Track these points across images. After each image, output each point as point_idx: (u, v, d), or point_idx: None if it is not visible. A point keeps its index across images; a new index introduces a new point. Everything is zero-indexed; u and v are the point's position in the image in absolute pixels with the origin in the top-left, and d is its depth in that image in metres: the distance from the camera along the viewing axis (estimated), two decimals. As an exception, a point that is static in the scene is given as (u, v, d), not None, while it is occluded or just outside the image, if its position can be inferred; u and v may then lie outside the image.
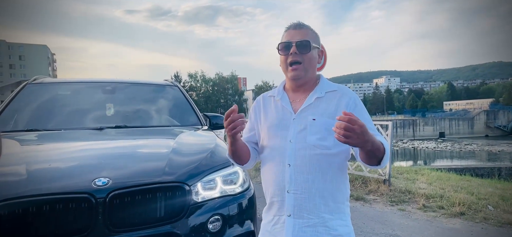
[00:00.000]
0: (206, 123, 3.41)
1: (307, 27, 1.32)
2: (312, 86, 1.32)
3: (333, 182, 1.24)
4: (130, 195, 1.75)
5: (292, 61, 1.27)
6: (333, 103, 1.27)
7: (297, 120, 1.28)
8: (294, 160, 1.24)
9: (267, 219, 1.34)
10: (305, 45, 1.27)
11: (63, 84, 3.35)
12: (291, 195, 1.23)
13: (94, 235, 1.62)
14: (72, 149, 2.27)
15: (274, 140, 1.30)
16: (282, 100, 1.34)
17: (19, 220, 1.55)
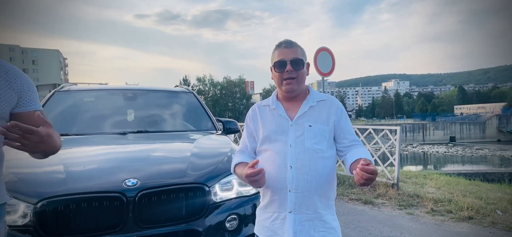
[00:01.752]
0: (220, 128, 3.58)
1: (297, 45, 1.47)
2: (304, 96, 1.48)
3: (327, 182, 1.40)
4: (156, 195, 1.91)
5: (287, 77, 1.41)
6: (325, 111, 1.44)
7: (294, 126, 1.42)
8: (296, 163, 1.37)
9: (264, 216, 1.47)
10: (298, 63, 1.42)
11: (87, 91, 3.56)
12: (292, 194, 1.36)
13: (125, 230, 1.79)
14: (101, 152, 2.45)
15: (275, 144, 1.42)
16: (277, 109, 1.47)
17: (60, 216, 1.73)
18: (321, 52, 6.42)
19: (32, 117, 1.28)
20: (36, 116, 1.12)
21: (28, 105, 1.28)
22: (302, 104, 1.45)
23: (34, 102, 1.30)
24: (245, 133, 1.58)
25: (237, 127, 3.72)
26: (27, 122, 1.28)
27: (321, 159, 1.38)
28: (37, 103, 1.33)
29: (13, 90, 1.24)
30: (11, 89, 1.23)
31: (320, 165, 1.38)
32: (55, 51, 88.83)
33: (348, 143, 1.43)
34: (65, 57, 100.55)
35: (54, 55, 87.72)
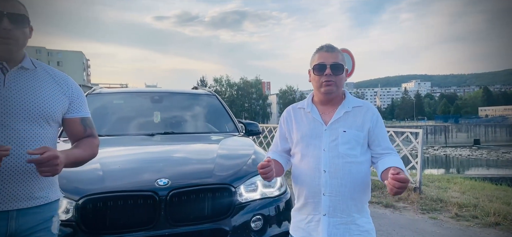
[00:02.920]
0: (242, 129, 3.66)
1: (338, 50, 1.48)
2: (339, 100, 1.48)
3: (361, 186, 1.42)
4: (186, 194, 2.00)
5: (326, 80, 1.42)
6: (360, 117, 1.44)
7: (329, 131, 1.43)
8: (329, 167, 1.40)
9: (299, 218, 1.50)
10: (339, 67, 1.43)
11: (116, 94, 3.73)
12: (326, 197, 1.40)
13: (158, 228, 1.89)
14: (133, 152, 2.58)
15: (308, 148, 1.45)
16: (312, 112, 1.49)
17: (99, 212, 1.84)
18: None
19: (78, 123, 1.39)
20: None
21: (76, 112, 1.39)
22: (338, 109, 1.45)
23: (82, 109, 1.41)
24: (278, 134, 1.62)
25: (258, 129, 3.78)
26: (74, 127, 1.39)
27: (355, 164, 1.40)
28: (85, 110, 1.43)
29: (65, 96, 1.35)
30: (64, 95, 1.35)
31: (354, 169, 1.40)
32: (79, 53, 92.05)
33: (381, 150, 1.45)
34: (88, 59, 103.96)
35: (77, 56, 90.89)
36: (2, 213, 1.16)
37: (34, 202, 1.23)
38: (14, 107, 1.20)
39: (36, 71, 1.30)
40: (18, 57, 1.25)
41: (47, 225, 1.29)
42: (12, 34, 1.18)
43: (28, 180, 1.21)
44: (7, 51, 1.19)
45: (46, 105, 1.26)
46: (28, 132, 1.21)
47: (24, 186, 1.20)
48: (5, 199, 1.16)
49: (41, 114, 1.24)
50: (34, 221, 1.24)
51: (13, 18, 1.18)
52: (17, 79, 1.23)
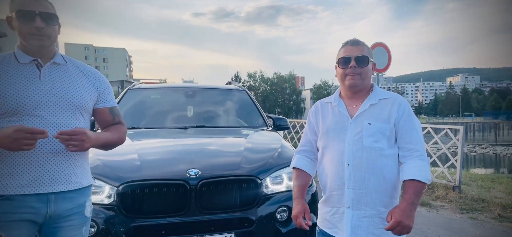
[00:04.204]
0: (270, 124, 3.73)
1: (364, 44, 1.47)
2: (366, 94, 1.47)
3: (387, 180, 1.39)
4: (214, 184, 2.13)
5: (351, 73, 1.43)
6: (386, 110, 1.41)
7: (354, 124, 1.43)
8: (353, 160, 1.39)
9: (325, 210, 1.53)
10: (363, 60, 1.43)
11: (154, 89, 3.99)
12: (350, 190, 1.40)
13: (189, 214, 2.03)
14: (167, 144, 2.77)
15: (333, 141, 1.46)
16: (338, 106, 1.49)
17: (136, 198, 2.03)
18: (376, 47, 6.22)
19: (107, 112, 1.54)
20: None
21: (104, 102, 1.53)
22: (363, 102, 1.45)
23: (110, 99, 1.55)
24: (307, 128, 1.64)
25: (286, 124, 3.83)
26: (103, 116, 1.53)
27: (380, 157, 1.38)
28: (112, 100, 1.57)
29: (94, 88, 1.49)
30: (93, 87, 1.48)
31: (379, 163, 1.38)
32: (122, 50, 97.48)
33: (406, 150, 1.40)
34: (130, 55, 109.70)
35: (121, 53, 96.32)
36: (43, 195, 1.30)
37: (69, 186, 1.36)
38: (50, 99, 1.32)
39: (67, 66, 1.42)
40: (50, 53, 1.36)
41: (81, 209, 1.43)
42: (44, 31, 1.30)
43: (64, 165, 1.35)
44: (40, 46, 1.31)
45: (77, 97, 1.39)
46: (63, 123, 1.34)
47: (61, 171, 1.34)
48: (45, 182, 1.30)
49: (74, 105, 1.37)
50: (70, 204, 1.38)
51: (45, 17, 1.30)
52: (51, 74, 1.35)
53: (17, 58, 1.33)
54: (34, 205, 1.29)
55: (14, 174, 1.26)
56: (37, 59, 1.34)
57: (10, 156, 1.26)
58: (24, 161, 1.27)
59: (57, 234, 1.37)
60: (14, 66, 1.31)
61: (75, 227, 1.40)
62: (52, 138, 1.30)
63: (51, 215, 1.34)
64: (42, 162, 1.30)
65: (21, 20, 1.28)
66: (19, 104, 1.26)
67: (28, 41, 1.30)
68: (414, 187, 1.34)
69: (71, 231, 1.39)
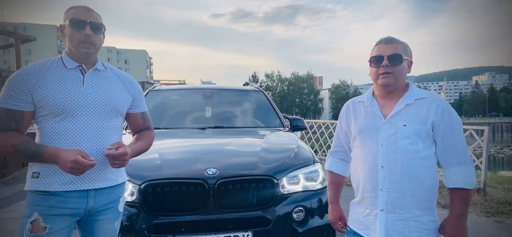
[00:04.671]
0: (287, 125, 3.75)
1: (398, 41, 1.41)
2: (401, 93, 1.41)
3: (423, 183, 1.33)
4: (232, 183, 2.18)
5: (383, 72, 1.38)
6: (423, 110, 1.35)
7: (388, 125, 1.38)
8: (387, 163, 1.35)
9: (358, 210, 1.49)
10: (397, 58, 1.37)
11: (173, 90, 4.10)
12: (384, 193, 1.36)
13: (207, 212, 2.09)
14: (187, 144, 2.85)
15: (366, 143, 1.42)
16: (371, 106, 1.45)
17: (157, 196, 2.11)
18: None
19: (139, 117, 1.64)
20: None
21: (138, 107, 1.64)
22: (398, 102, 1.39)
23: (142, 105, 1.67)
24: (338, 129, 1.61)
25: (303, 125, 3.84)
26: (136, 121, 1.65)
27: (416, 159, 1.33)
28: (144, 106, 1.69)
29: (129, 93, 1.60)
30: (128, 93, 1.60)
31: (414, 166, 1.33)
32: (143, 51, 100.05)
33: (445, 156, 1.34)
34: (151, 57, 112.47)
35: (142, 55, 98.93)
36: (83, 191, 1.42)
37: (106, 183, 1.48)
38: (91, 103, 1.43)
39: (106, 72, 1.54)
40: (93, 60, 1.49)
41: (115, 205, 1.55)
42: (92, 39, 1.42)
43: (102, 164, 1.46)
44: (87, 54, 1.43)
45: (115, 101, 1.51)
46: (101, 124, 1.46)
47: (99, 170, 1.46)
48: (86, 180, 1.42)
49: (112, 109, 1.48)
50: (106, 199, 1.50)
51: (93, 26, 1.43)
52: (93, 79, 1.47)
53: (64, 63, 1.44)
54: (76, 201, 1.40)
55: (58, 172, 1.37)
56: (81, 65, 1.46)
57: None
58: None
59: (94, 227, 1.49)
60: (61, 70, 1.43)
61: (109, 220, 1.52)
62: (91, 139, 1.42)
63: (90, 210, 1.45)
64: None
65: (73, 28, 1.40)
66: (64, 106, 1.37)
67: (77, 48, 1.42)
68: (460, 196, 1.29)
69: (105, 224, 1.50)
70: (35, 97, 1.36)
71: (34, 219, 1.35)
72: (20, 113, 1.34)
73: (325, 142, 9.18)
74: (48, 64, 1.43)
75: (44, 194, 1.38)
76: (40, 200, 1.37)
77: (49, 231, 1.36)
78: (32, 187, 1.38)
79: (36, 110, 1.37)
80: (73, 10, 1.44)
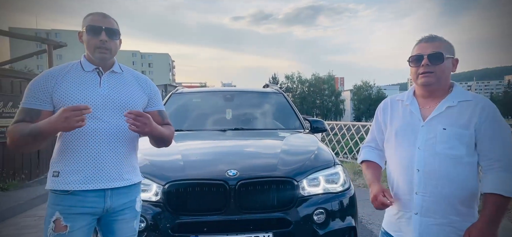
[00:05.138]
0: (307, 127, 3.74)
1: (440, 39, 1.34)
2: (444, 94, 1.34)
3: (462, 189, 1.27)
4: (252, 185, 2.21)
5: (423, 71, 1.32)
6: (466, 114, 1.27)
7: (426, 127, 1.32)
8: (423, 166, 1.30)
9: (391, 212, 1.46)
10: (437, 57, 1.30)
11: (194, 93, 4.21)
12: (419, 196, 1.31)
13: (228, 213, 2.13)
14: (208, 145, 2.92)
15: (402, 145, 1.37)
16: (411, 105, 1.39)
17: (180, 196, 2.17)
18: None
19: (156, 115, 1.70)
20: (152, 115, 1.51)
21: (154, 106, 1.70)
22: (439, 104, 1.33)
23: (159, 104, 1.72)
24: (374, 125, 1.57)
25: (324, 127, 3.82)
26: (154, 118, 1.67)
27: (455, 165, 1.27)
28: (161, 104, 1.74)
29: (145, 93, 1.66)
30: (144, 93, 1.66)
31: (453, 171, 1.27)
32: (166, 55, 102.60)
33: (487, 161, 1.27)
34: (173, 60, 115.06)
35: (165, 58, 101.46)
36: (101, 191, 1.47)
37: (122, 183, 1.53)
38: (107, 103, 1.49)
39: (123, 74, 1.60)
40: (110, 63, 1.54)
41: (132, 204, 1.60)
42: (108, 45, 1.48)
43: (118, 164, 1.52)
44: (103, 58, 1.50)
45: (131, 101, 1.56)
46: (117, 124, 1.51)
47: (116, 169, 1.51)
48: (103, 179, 1.48)
49: (127, 108, 1.52)
50: (123, 199, 1.55)
51: (109, 32, 1.49)
52: (110, 81, 1.53)
53: (83, 66, 1.52)
54: (94, 200, 1.47)
55: (77, 171, 1.44)
56: (98, 68, 1.53)
57: (74, 155, 1.45)
58: (85, 160, 1.45)
59: (113, 226, 1.55)
60: (80, 73, 1.51)
61: (127, 220, 1.57)
62: (108, 138, 1.48)
63: (108, 209, 1.51)
64: (99, 161, 1.47)
65: (90, 34, 1.48)
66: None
67: (93, 53, 1.50)
68: (494, 201, 1.23)
69: (124, 223, 1.56)
70: (54, 97, 1.43)
71: (56, 218, 1.41)
72: (36, 111, 1.41)
73: (347, 144, 9.03)
74: (68, 68, 1.52)
75: (64, 194, 1.43)
76: (60, 199, 1.43)
77: (70, 230, 1.41)
78: (53, 187, 1.44)
79: (55, 110, 1.43)
80: (90, 17, 1.50)
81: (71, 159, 1.44)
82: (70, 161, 1.44)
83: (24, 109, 1.43)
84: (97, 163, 1.46)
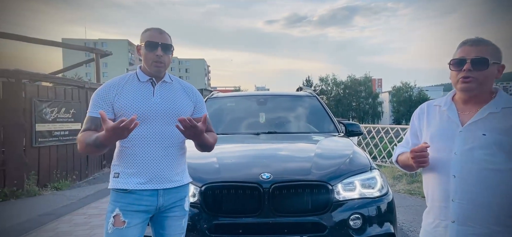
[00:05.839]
0: (342, 130, 3.67)
1: (487, 43, 1.28)
2: (486, 99, 1.30)
3: (504, 197, 1.22)
4: (286, 188, 2.22)
5: (464, 76, 1.27)
6: (509, 120, 1.23)
7: (464, 133, 1.28)
8: (460, 173, 1.26)
9: (427, 221, 1.42)
10: (482, 63, 1.25)
11: (229, 97, 4.31)
12: (456, 204, 1.27)
13: (263, 216, 2.17)
14: (242, 148, 2.98)
15: (438, 150, 1.33)
16: (448, 111, 1.35)
17: (216, 198, 2.24)
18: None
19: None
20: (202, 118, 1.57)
21: (199, 113, 1.80)
22: (481, 109, 1.28)
23: (203, 111, 1.83)
24: (409, 131, 1.55)
25: (359, 130, 3.73)
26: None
27: (495, 172, 1.23)
28: (205, 111, 1.84)
29: (191, 101, 1.78)
30: (191, 101, 1.77)
31: (493, 178, 1.23)
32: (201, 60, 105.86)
33: None
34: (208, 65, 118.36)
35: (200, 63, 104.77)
36: (154, 191, 1.62)
37: (172, 184, 1.66)
38: (159, 111, 1.62)
39: (172, 84, 1.74)
40: (162, 73, 1.68)
41: (181, 203, 1.72)
42: (163, 59, 1.63)
43: (169, 167, 1.64)
44: (158, 71, 1.64)
45: (179, 109, 1.68)
46: (167, 130, 1.63)
47: (167, 172, 1.64)
48: (156, 181, 1.62)
49: (176, 116, 1.64)
50: (173, 198, 1.67)
51: (164, 47, 1.62)
52: (161, 90, 1.67)
53: (138, 77, 1.67)
54: (148, 199, 1.61)
55: (135, 174, 1.60)
56: (152, 78, 1.67)
57: (131, 158, 1.60)
58: (140, 163, 1.60)
59: (164, 223, 1.68)
60: (136, 83, 1.66)
61: (177, 218, 1.70)
62: (158, 143, 1.61)
63: (160, 207, 1.65)
64: (153, 166, 1.62)
65: (147, 49, 1.62)
66: (138, 114, 1.58)
67: (150, 66, 1.64)
68: None
69: (174, 221, 1.69)
70: (115, 106, 1.59)
71: (116, 214, 1.56)
72: (99, 120, 1.51)
73: (385, 147, 8.68)
74: (126, 79, 1.67)
75: (123, 192, 1.59)
76: (120, 197, 1.59)
77: (127, 225, 1.55)
78: (114, 186, 1.60)
79: (116, 118, 1.59)
80: (148, 32, 1.64)
81: (128, 162, 1.60)
82: (128, 163, 1.60)
83: (89, 117, 1.59)
84: (150, 166, 1.60)
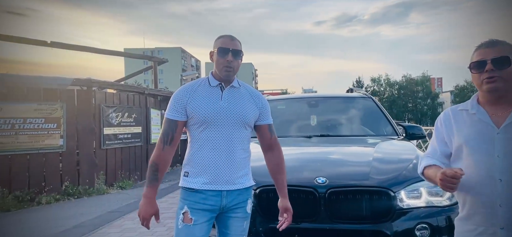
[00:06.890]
0: (402, 133, 3.43)
1: (502, 43, 1.30)
2: None
3: None
4: (343, 194, 2.13)
5: (488, 77, 1.27)
6: None
7: (503, 134, 1.26)
8: (507, 176, 1.24)
9: (466, 228, 1.35)
10: (503, 61, 1.26)
11: (279, 100, 4.30)
12: (503, 209, 1.24)
13: (319, 221, 2.10)
14: (295, 152, 2.93)
15: (476, 154, 1.30)
16: (478, 114, 1.33)
17: (271, 201, 2.23)
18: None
19: (266, 128, 1.82)
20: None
21: (264, 120, 1.81)
22: None
23: (268, 118, 1.83)
24: (435, 137, 1.51)
25: (421, 133, 3.46)
26: (263, 132, 1.83)
27: None
28: (270, 118, 1.84)
29: (257, 107, 1.78)
30: (256, 107, 1.78)
31: None
32: (249, 64, 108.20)
33: None
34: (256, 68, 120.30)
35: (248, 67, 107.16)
36: (218, 191, 1.67)
37: (235, 186, 1.70)
38: (226, 115, 1.65)
39: (240, 89, 1.75)
40: (231, 78, 1.71)
41: (244, 205, 1.75)
42: (233, 64, 1.66)
43: (231, 170, 1.68)
44: (228, 76, 1.68)
45: (246, 114, 1.71)
46: (233, 133, 1.66)
47: (229, 174, 1.68)
48: (220, 182, 1.66)
49: (242, 120, 1.70)
50: (236, 200, 1.71)
51: (235, 53, 1.66)
52: (229, 95, 1.70)
53: (210, 82, 1.74)
54: (213, 198, 1.68)
55: (200, 173, 1.68)
56: (221, 83, 1.73)
57: (199, 159, 1.67)
58: (206, 165, 1.67)
59: (227, 222, 1.74)
60: (207, 88, 1.73)
61: (239, 219, 1.74)
62: (225, 146, 1.66)
63: (223, 207, 1.70)
64: (217, 167, 1.67)
65: (219, 55, 1.69)
66: (206, 117, 1.66)
67: (221, 71, 1.70)
68: None
69: (236, 222, 1.74)
70: (188, 109, 1.66)
71: (185, 211, 1.64)
72: (174, 122, 1.67)
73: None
74: (198, 83, 1.75)
75: (191, 191, 1.66)
76: (188, 195, 1.66)
77: (194, 223, 1.62)
78: (183, 184, 1.69)
79: (188, 120, 1.68)
80: (221, 39, 1.70)
81: (196, 162, 1.68)
82: (196, 164, 1.68)
83: (167, 119, 1.69)
84: (214, 167, 1.66)
